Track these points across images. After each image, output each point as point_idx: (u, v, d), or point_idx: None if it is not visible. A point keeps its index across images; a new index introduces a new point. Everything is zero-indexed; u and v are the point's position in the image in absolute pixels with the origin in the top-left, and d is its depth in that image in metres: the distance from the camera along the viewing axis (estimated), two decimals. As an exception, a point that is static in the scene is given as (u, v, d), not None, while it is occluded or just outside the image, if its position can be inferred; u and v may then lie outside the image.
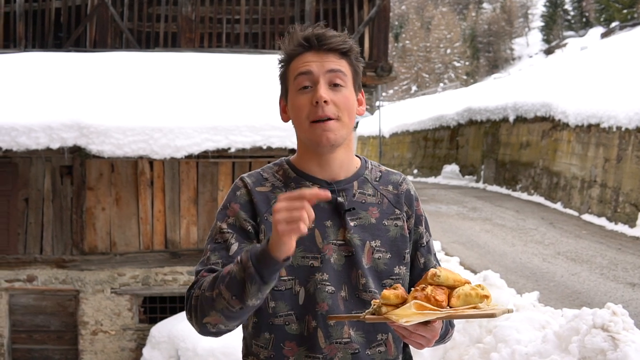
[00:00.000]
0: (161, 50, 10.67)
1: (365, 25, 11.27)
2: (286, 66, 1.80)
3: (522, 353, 4.38)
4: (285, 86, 1.81)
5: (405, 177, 1.93)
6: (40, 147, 8.26)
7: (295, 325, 1.72)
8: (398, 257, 1.80)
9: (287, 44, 1.79)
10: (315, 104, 1.70)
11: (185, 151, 8.45)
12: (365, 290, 1.74)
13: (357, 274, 1.74)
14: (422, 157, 27.29)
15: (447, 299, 1.53)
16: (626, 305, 6.60)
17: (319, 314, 1.71)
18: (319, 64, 1.73)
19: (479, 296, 1.54)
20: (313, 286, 1.70)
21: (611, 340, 3.80)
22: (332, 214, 1.75)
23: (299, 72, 1.74)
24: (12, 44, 10.64)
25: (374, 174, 1.87)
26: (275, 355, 1.73)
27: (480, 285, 1.58)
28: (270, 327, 1.73)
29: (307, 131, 1.73)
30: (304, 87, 1.73)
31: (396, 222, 1.82)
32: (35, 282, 9.14)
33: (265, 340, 1.74)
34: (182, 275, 9.34)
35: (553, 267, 9.05)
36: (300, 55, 1.75)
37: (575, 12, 60.75)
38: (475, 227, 12.36)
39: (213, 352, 7.72)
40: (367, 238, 1.76)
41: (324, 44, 1.74)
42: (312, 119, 1.71)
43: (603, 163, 13.24)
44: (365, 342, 1.74)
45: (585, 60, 23.28)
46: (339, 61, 1.75)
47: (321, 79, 1.72)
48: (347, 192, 1.78)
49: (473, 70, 62.40)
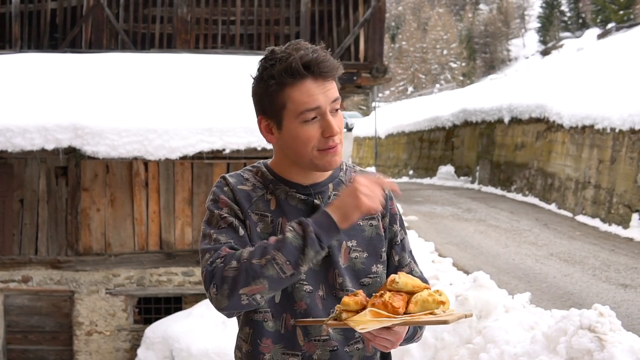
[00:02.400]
0: (156, 51, 10.70)
1: (361, 26, 11.31)
2: (279, 92, 1.73)
3: (510, 353, 4.42)
4: (279, 113, 1.75)
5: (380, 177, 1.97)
6: (35, 148, 8.29)
7: (271, 322, 1.76)
8: (375, 255, 1.86)
9: (280, 68, 1.71)
10: (327, 137, 1.72)
11: (180, 152, 8.49)
12: (342, 289, 1.78)
13: (334, 274, 1.79)
14: (417, 158, 27.32)
15: (406, 304, 1.58)
16: (617, 307, 6.64)
17: (298, 312, 1.76)
18: (323, 96, 1.72)
19: (436, 302, 1.58)
20: (290, 285, 1.74)
21: (598, 341, 3.84)
22: (308, 216, 1.76)
23: (306, 108, 1.70)
24: (7, 45, 10.66)
25: (349, 175, 1.91)
26: (252, 351, 1.78)
27: (439, 290, 1.63)
28: (250, 322, 1.77)
29: (314, 158, 1.74)
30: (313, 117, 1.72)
31: (371, 221, 1.87)
32: (30, 283, 9.16)
33: (245, 334, 1.79)
34: (176, 276, 9.37)
35: (546, 268, 9.09)
36: (298, 85, 1.71)
37: (571, 13, 60.88)
38: (470, 228, 12.40)
39: (207, 352, 7.75)
40: (343, 238, 1.80)
41: (324, 72, 1.72)
42: (322, 148, 1.73)
43: (597, 164, 13.29)
44: (343, 339, 1.79)
45: (581, 62, 23.33)
46: (334, 86, 1.76)
47: (327, 110, 1.73)
48: (323, 195, 1.82)
49: (469, 71, 62.48)
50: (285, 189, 1.81)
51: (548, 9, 61.69)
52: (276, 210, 1.79)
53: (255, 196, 1.80)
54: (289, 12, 11.47)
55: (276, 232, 1.76)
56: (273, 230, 1.77)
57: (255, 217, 1.78)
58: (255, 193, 1.81)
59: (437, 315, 1.57)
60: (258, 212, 1.79)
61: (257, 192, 1.81)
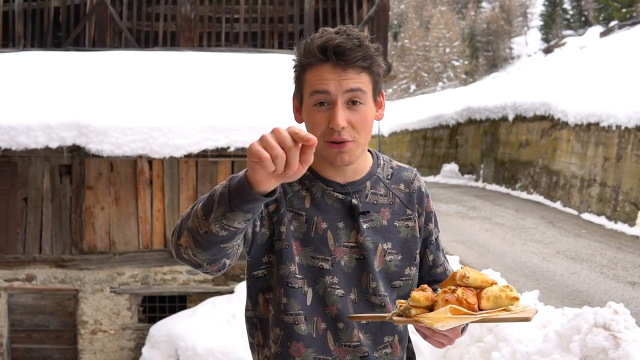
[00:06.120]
0: (160, 49, 10.65)
1: (365, 24, 11.25)
2: (301, 72, 1.66)
3: (523, 352, 4.37)
4: (300, 92, 1.69)
5: (416, 172, 1.88)
6: (39, 146, 8.24)
7: (304, 325, 1.67)
8: (409, 258, 1.77)
9: (301, 49, 1.65)
10: (332, 128, 1.61)
11: (185, 150, 8.44)
12: (375, 294, 1.70)
13: (367, 278, 1.70)
14: (421, 156, 27.28)
15: (477, 300, 1.49)
16: (626, 304, 6.58)
17: (329, 316, 1.68)
18: (336, 83, 1.59)
19: (509, 298, 1.50)
20: (322, 288, 1.67)
21: (613, 339, 3.79)
22: (345, 216, 1.70)
23: (314, 89, 1.61)
24: (11, 43, 10.61)
25: (386, 171, 1.81)
26: (282, 353, 1.69)
27: (509, 286, 1.55)
28: (281, 323, 1.68)
29: (322, 148, 1.63)
30: (320, 103, 1.61)
31: (407, 222, 1.78)
32: (34, 282, 9.12)
33: (276, 335, 1.70)
34: (181, 274, 9.32)
35: (553, 266, 9.04)
36: (316, 67, 1.62)
37: (574, 11, 60.77)
38: (475, 226, 12.35)
39: (212, 351, 7.70)
40: (379, 241, 1.72)
41: (342, 60, 1.59)
42: (327, 140, 1.62)
43: (602, 162, 13.23)
44: (372, 345, 1.72)
45: (585, 59, 23.30)
46: (359, 77, 1.62)
47: (339, 100, 1.59)
48: (360, 194, 1.73)
49: (472, 70, 62.38)
50: (322, 187, 1.70)
51: (550, 6, 61.59)
52: (311, 208, 1.68)
53: (291, 191, 1.70)
54: (292, 9, 11.41)
55: (310, 231, 1.67)
56: (307, 229, 1.67)
57: (289, 214, 1.68)
58: (292, 188, 1.71)
59: (515, 312, 1.49)
60: (292, 209, 1.69)
61: (293, 187, 1.71)
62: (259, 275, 1.72)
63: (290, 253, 1.66)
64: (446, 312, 1.45)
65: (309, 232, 1.67)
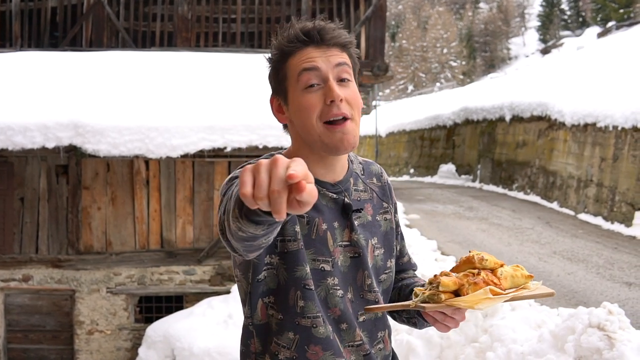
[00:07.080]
0: (157, 49, 10.65)
1: (362, 24, 11.26)
2: (282, 63, 1.65)
3: (517, 352, 4.37)
4: (283, 85, 1.65)
5: (380, 166, 1.90)
6: (35, 146, 8.24)
7: (322, 328, 1.63)
8: (389, 250, 1.78)
9: (282, 38, 1.64)
10: (330, 103, 1.58)
11: (182, 150, 8.44)
12: (370, 291, 1.70)
13: (363, 275, 1.70)
14: (418, 156, 27.30)
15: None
16: (622, 305, 6.59)
17: (332, 318, 1.66)
18: (324, 59, 1.61)
19: (524, 276, 1.55)
20: (324, 291, 1.64)
21: (607, 339, 3.80)
22: (339, 215, 1.69)
23: (303, 68, 1.60)
24: (7, 43, 10.61)
25: (357, 166, 1.81)
26: (298, 357, 1.64)
27: (519, 265, 1.58)
28: (295, 327, 1.63)
29: (322, 134, 1.59)
30: (311, 85, 1.60)
31: (385, 215, 1.80)
32: (31, 282, 9.11)
33: (288, 340, 1.64)
34: (177, 274, 9.32)
35: (549, 266, 9.05)
36: (300, 51, 1.62)
37: (571, 11, 60.80)
38: (472, 226, 12.36)
39: (209, 351, 7.70)
40: (368, 237, 1.72)
41: (326, 38, 1.62)
42: (327, 119, 1.59)
43: (599, 162, 13.25)
44: (370, 342, 1.72)
45: (582, 60, 23.33)
46: (342, 54, 1.63)
47: (330, 75, 1.60)
48: (349, 192, 1.72)
49: (469, 70, 62.41)
50: (317, 187, 1.63)
51: (548, 7, 61.62)
52: (311, 209, 1.55)
53: None
54: (289, 10, 11.42)
55: (311, 233, 1.63)
56: (308, 231, 1.63)
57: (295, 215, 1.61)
58: None
59: (539, 289, 1.55)
60: None
61: None
62: (261, 279, 1.66)
63: (304, 254, 1.62)
64: (486, 293, 1.48)
65: (309, 234, 1.63)
